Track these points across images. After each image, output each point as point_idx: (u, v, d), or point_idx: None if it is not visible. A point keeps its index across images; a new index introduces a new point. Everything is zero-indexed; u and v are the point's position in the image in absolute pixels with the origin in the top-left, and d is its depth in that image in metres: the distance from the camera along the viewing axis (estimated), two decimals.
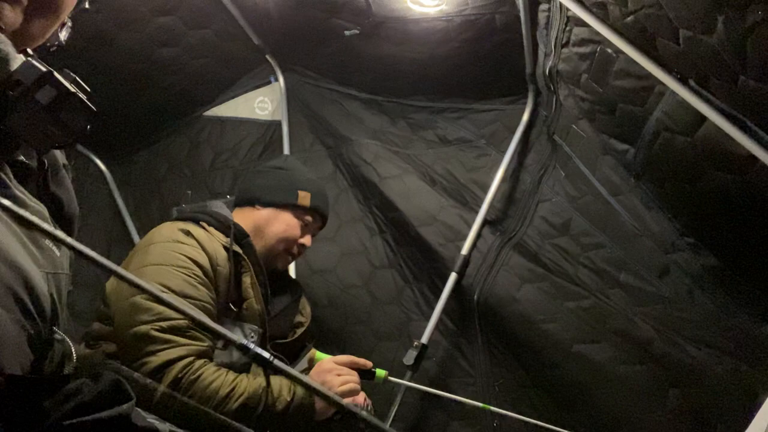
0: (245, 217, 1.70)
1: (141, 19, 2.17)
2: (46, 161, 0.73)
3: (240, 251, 1.57)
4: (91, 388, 0.58)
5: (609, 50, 1.42)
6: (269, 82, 2.66)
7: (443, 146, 2.36)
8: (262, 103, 2.66)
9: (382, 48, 2.22)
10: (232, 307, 1.49)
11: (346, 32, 2.19)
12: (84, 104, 0.71)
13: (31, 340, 0.59)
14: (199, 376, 1.29)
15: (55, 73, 0.66)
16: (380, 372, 1.55)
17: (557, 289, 1.96)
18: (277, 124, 2.65)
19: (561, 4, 1.48)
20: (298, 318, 1.76)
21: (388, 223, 2.39)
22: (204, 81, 2.57)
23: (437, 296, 2.15)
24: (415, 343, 2.07)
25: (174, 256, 1.43)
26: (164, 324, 1.30)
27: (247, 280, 1.55)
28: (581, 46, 1.53)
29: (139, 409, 0.63)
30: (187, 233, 1.50)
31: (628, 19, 1.24)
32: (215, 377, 1.32)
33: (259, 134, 2.66)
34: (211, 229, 1.59)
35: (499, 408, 1.83)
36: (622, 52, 1.34)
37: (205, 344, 1.36)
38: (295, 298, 1.79)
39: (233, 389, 1.33)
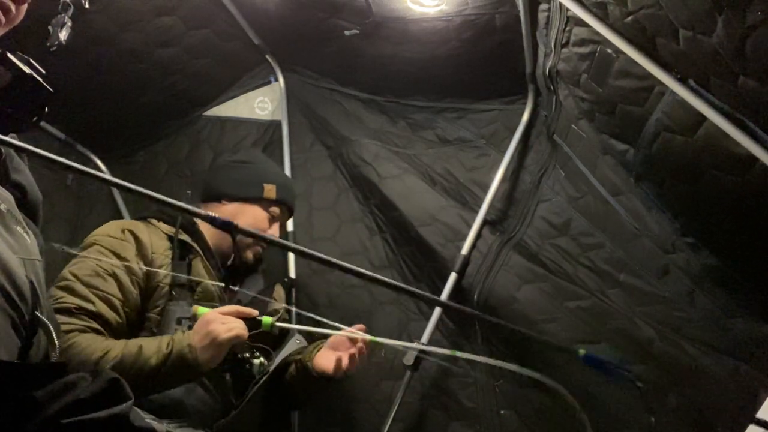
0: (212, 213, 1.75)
1: (141, 19, 2.17)
2: (2, 149, 0.73)
3: (188, 239, 1.69)
4: (89, 384, 0.58)
5: (609, 50, 1.42)
6: (269, 82, 2.66)
7: (443, 146, 2.36)
8: (262, 103, 2.66)
9: (382, 48, 2.22)
10: (187, 290, 1.61)
11: (346, 32, 2.19)
12: (40, 85, 0.71)
13: (15, 326, 0.58)
14: (71, 344, 1.39)
15: (9, 55, 0.67)
16: (266, 319, 1.53)
17: (557, 289, 1.96)
18: (277, 124, 2.65)
19: (561, 4, 1.48)
20: (273, 305, 1.79)
21: (388, 223, 2.39)
22: (204, 81, 2.57)
23: (437, 296, 2.15)
24: (415, 343, 2.07)
25: (97, 249, 1.59)
26: (57, 305, 1.44)
27: (198, 264, 1.67)
28: (581, 46, 1.53)
29: (137, 409, 0.63)
30: (123, 231, 1.65)
31: (628, 19, 1.24)
32: (88, 344, 1.41)
33: (259, 134, 2.65)
34: (159, 223, 1.74)
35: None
36: (622, 52, 1.34)
37: (93, 324, 1.47)
38: (267, 285, 1.85)
39: (106, 353, 1.41)
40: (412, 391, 2.13)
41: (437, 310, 2.13)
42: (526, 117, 2.14)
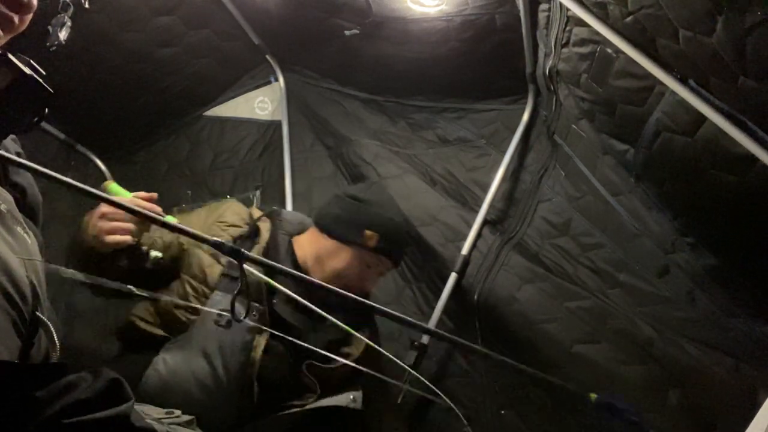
0: (314, 241, 1.69)
1: (141, 19, 2.17)
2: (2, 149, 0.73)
3: (265, 229, 1.66)
4: (90, 385, 0.58)
5: (609, 50, 1.42)
6: (269, 82, 2.66)
7: (443, 146, 2.36)
8: (262, 103, 2.66)
9: (382, 48, 2.22)
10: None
11: (347, 32, 2.19)
12: (41, 86, 0.71)
13: (16, 326, 0.58)
14: None
15: (10, 56, 0.67)
16: (170, 218, 1.36)
17: (557, 289, 1.96)
18: (277, 124, 2.65)
19: (561, 4, 1.48)
20: (345, 348, 1.62)
21: None
22: (204, 81, 2.57)
23: (437, 296, 2.15)
24: (415, 343, 2.07)
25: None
26: None
27: (255, 251, 1.59)
28: (581, 46, 1.53)
29: (137, 410, 0.63)
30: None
31: (628, 19, 1.24)
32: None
33: (260, 134, 2.66)
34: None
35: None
36: (622, 52, 1.34)
37: None
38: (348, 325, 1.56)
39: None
40: (411, 392, 2.13)
41: (438, 311, 2.13)
42: (526, 117, 2.14)
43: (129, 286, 1.19)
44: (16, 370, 0.54)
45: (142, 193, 1.41)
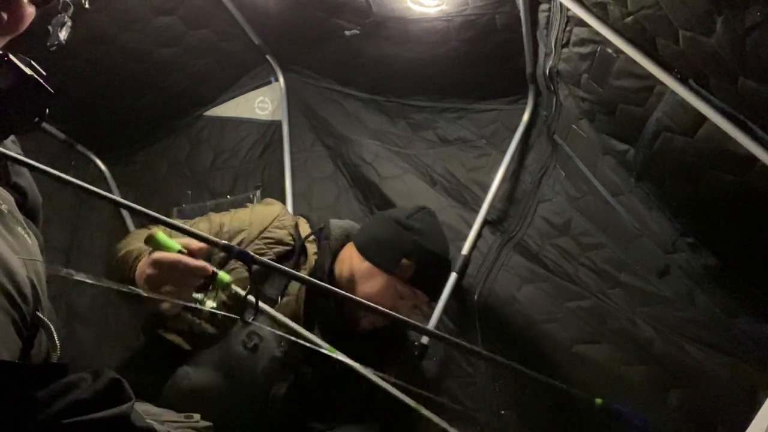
0: (350, 258, 1.60)
1: (141, 19, 2.17)
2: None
3: (310, 251, 1.57)
4: (90, 385, 0.58)
5: (609, 50, 1.42)
6: (269, 82, 2.66)
7: (443, 146, 2.36)
8: (262, 103, 2.66)
9: (382, 48, 2.22)
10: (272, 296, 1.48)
11: (347, 32, 2.19)
12: (42, 86, 0.71)
13: (16, 326, 0.59)
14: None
15: (11, 56, 0.67)
16: (223, 276, 1.19)
17: (557, 289, 1.96)
18: (277, 124, 2.65)
19: (561, 4, 1.48)
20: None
21: None
22: (204, 81, 2.57)
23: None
24: (416, 343, 2.07)
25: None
26: None
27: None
28: (581, 46, 1.53)
29: (137, 410, 0.63)
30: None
31: (628, 19, 1.24)
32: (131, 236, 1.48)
33: (260, 134, 2.66)
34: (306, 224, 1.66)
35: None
36: (622, 52, 1.34)
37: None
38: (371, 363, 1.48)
39: (121, 248, 1.43)
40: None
41: (438, 311, 2.13)
42: (526, 117, 2.14)
43: (138, 290, 1.16)
44: (16, 370, 0.54)
45: (194, 244, 1.18)
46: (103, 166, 2.69)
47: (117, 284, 1.12)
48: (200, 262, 1.15)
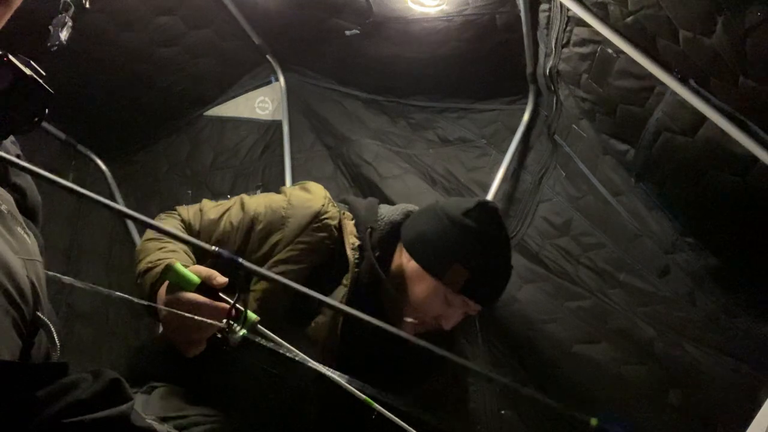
0: (399, 253, 1.45)
1: (141, 19, 2.17)
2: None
3: (351, 259, 1.35)
4: (90, 385, 0.58)
5: (609, 50, 1.42)
6: (270, 82, 2.66)
7: (444, 146, 2.36)
8: (262, 103, 2.66)
9: (382, 48, 2.22)
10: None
11: (347, 32, 2.19)
12: (41, 86, 0.71)
13: (16, 326, 0.59)
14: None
15: (10, 56, 0.66)
16: (251, 316, 1.06)
17: (558, 289, 1.96)
18: (277, 124, 2.65)
19: (561, 4, 1.48)
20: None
21: None
22: (204, 81, 2.57)
23: None
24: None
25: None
26: None
27: (339, 293, 1.34)
28: (581, 46, 1.53)
29: (137, 410, 0.63)
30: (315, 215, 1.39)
31: (629, 19, 1.24)
32: (149, 243, 1.34)
33: (260, 134, 2.66)
34: (350, 223, 1.42)
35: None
36: (623, 53, 1.34)
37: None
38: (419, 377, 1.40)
39: (141, 260, 1.30)
40: None
41: None
42: (526, 117, 2.14)
43: (147, 302, 1.09)
44: (16, 369, 0.54)
45: (218, 279, 1.08)
46: (103, 166, 2.69)
47: (117, 293, 1.05)
48: (219, 305, 1.03)
